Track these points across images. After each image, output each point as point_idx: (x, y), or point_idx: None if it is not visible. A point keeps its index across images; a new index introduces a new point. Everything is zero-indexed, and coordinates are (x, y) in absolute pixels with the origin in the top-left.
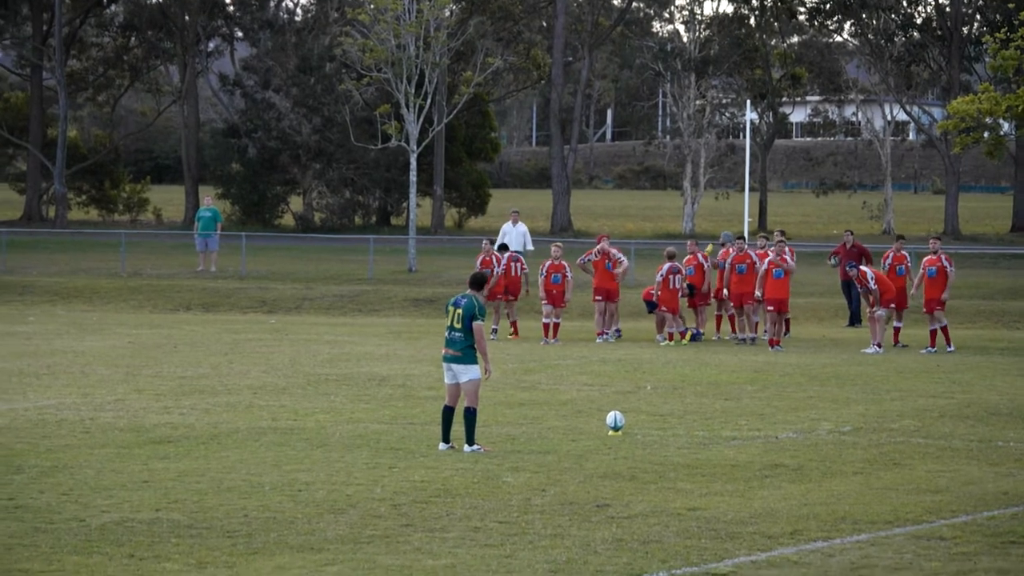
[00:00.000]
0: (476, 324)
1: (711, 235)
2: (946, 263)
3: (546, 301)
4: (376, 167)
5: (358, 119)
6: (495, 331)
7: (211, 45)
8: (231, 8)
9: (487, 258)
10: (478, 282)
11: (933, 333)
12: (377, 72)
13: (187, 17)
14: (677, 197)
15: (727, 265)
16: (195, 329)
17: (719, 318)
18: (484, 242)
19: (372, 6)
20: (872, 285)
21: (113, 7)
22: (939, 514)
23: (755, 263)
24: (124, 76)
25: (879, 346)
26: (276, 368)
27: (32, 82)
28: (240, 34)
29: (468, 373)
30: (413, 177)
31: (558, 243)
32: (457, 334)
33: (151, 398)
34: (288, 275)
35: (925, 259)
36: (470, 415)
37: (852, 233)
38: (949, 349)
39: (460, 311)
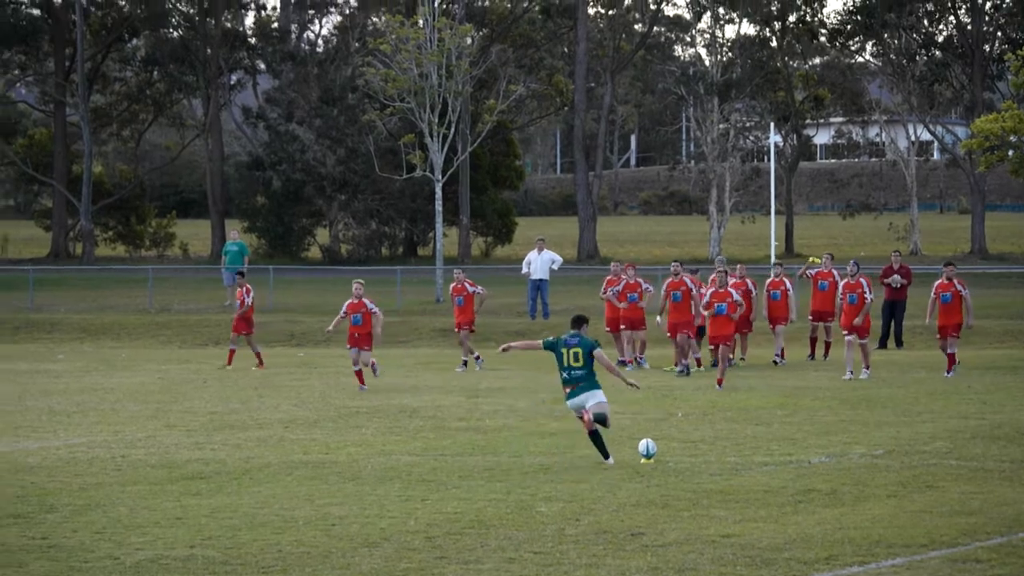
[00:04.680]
0: (597, 352)
1: (738, 260)
2: (960, 287)
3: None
4: (401, 197)
5: (382, 149)
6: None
7: (234, 78)
8: (253, 41)
9: (458, 286)
10: (580, 320)
11: (951, 357)
12: (400, 102)
13: (209, 50)
14: (703, 222)
15: (763, 290)
16: (225, 363)
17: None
18: (455, 271)
19: (394, 36)
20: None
21: (135, 41)
22: (974, 536)
23: (789, 290)
24: (148, 110)
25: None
26: (306, 401)
27: (56, 118)
28: (262, 67)
29: (596, 397)
30: (439, 207)
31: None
32: (578, 372)
33: (182, 434)
34: (316, 307)
35: (937, 284)
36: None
37: (899, 253)
38: (947, 374)
39: (578, 350)
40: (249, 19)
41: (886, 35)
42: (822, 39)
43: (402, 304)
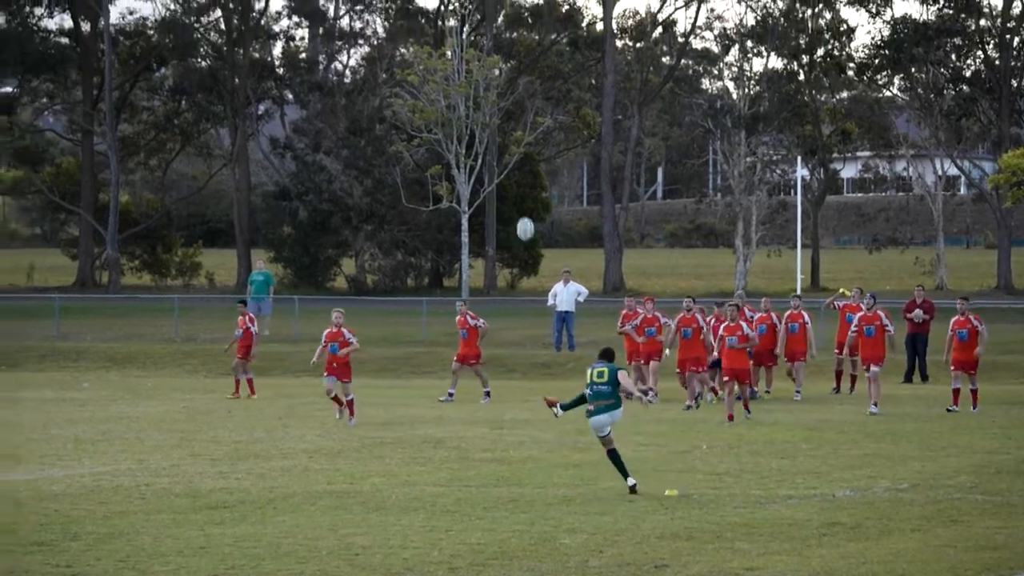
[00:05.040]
0: (621, 373)
1: (763, 293)
2: (977, 323)
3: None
4: (428, 228)
5: (409, 180)
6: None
7: (261, 108)
8: (281, 71)
9: (461, 318)
10: (610, 353)
11: (974, 393)
12: (427, 133)
13: (237, 80)
14: (729, 255)
15: (782, 324)
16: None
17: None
18: (458, 303)
19: (421, 67)
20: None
21: (163, 71)
22: (998, 571)
23: (807, 323)
24: (175, 140)
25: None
26: (330, 431)
27: (83, 147)
28: (290, 97)
29: (618, 415)
30: (465, 238)
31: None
32: (604, 387)
33: (207, 463)
34: None
35: (953, 320)
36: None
37: (922, 288)
38: (973, 410)
39: (603, 369)
40: (277, 49)
41: (913, 70)
42: (850, 73)
43: (428, 335)
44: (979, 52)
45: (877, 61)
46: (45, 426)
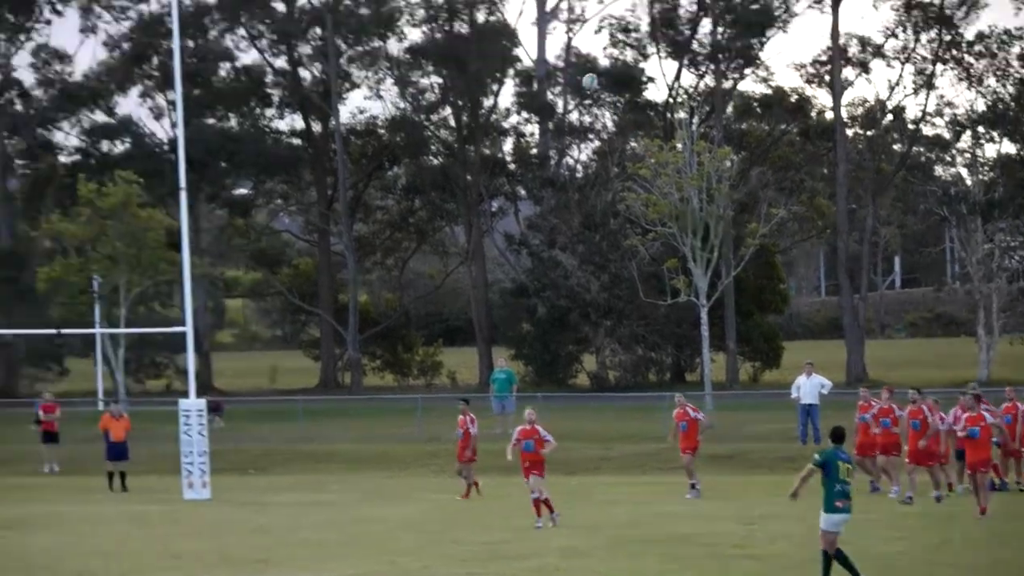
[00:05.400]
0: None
1: (1007, 382)
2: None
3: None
4: (667, 322)
5: (645, 274)
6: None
7: (494, 205)
8: (513, 167)
9: (680, 411)
10: (843, 435)
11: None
12: (662, 226)
13: (469, 177)
14: (971, 344)
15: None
16: (495, 492)
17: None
18: (676, 396)
19: (653, 160)
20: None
21: (395, 169)
22: None
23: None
24: (410, 238)
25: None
26: (579, 530)
27: (320, 248)
28: (523, 193)
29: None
30: (705, 332)
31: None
32: (849, 487)
33: (456, 564)
34: (585, 434)
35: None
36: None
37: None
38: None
39: (849, 465)
40: (508, 145)
41: None
42: None
43: (669, 430)
44: None
45: None
46: (293, 529)
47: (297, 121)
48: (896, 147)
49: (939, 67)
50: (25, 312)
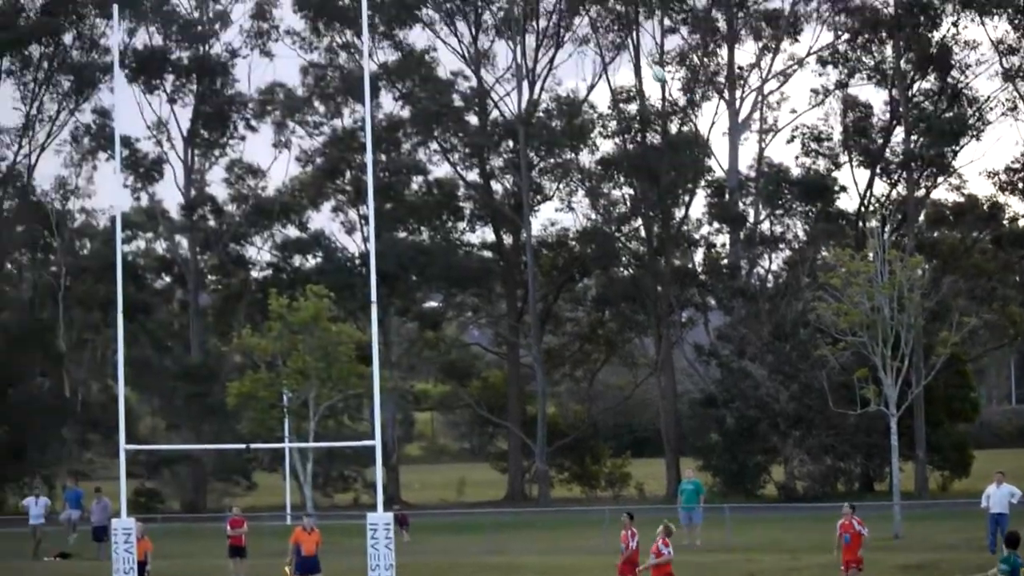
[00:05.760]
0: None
1: None
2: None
3: None
4: (856, 432)
5: (835, 384)
6: None
7: (684, 315)
8: (703, 277)
9: (846, 521)
10: (1015, 541)
11: None
12: (852, 336)
13: (660, 288)
14: None
15: None
16: None
17: None
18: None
19: (844, 270)
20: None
21: (586, 281)
22: None
23: None
24: (600, 350)
25: None
26: None
27: (509, 359)
28: (713, 303)
29: None
30: (894, 441)
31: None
32: None
33: None
34: (774, 545)
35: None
36: None
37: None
38: None
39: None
40: (699, 256)
41: None
42: None
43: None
44: None
45: None
46: None
47: (488, 233)
48: None
49: None
50: (215, 427)
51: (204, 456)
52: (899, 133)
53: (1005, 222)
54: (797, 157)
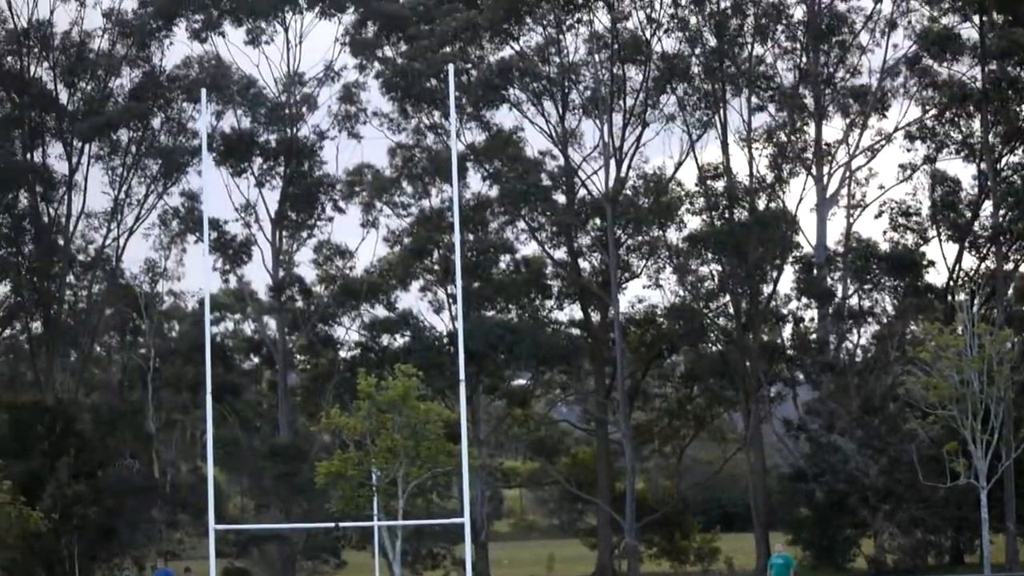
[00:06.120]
0: None
1: None
2: None
3: None
4: (946, 505)
5: (925, 457)
6: None
7: (773, 390)
8: (791, 353)
9: None
10: None
11: None
12: (942, 409)
13: (748, 364)
14: None
15: None
16: None
17: None
18: None
19: (933, 344)
20: None
21: (674, 357)
22: None
23: None
24: (688, 426)
25: None
26: None
27: (598, 436)
28: (801, 378)
29: None
30: (984, 514)
31: None
32: None
33: None
34: None
35: None
36: None
37: None
38: None
39: None
40: (787, 331)
41: None
42: None
43: None
44: None
45: None
46: None
47: (576, 311)
48: None
49: None
50: (304, 506)
51: (293, 535)
52: (987, 207)
53: None
54: (885, 232)
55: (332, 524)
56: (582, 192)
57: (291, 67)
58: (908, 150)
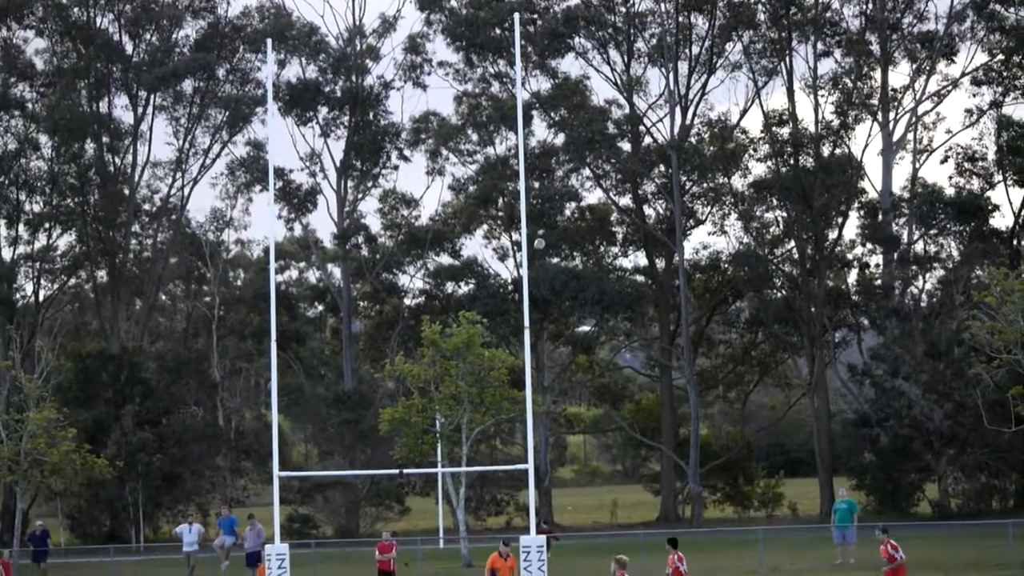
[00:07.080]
0: None
1: None
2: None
3: None
4: (1011, 450)
5: (989, 402)
6: None
7: (838, 336)
8: (857, 298)
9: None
10: None
11: None
12: (1007, 354)
13: (813, 309)
14: None
15: None
16: None
17: None
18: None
19: (998, 288)
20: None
21: (738, 303)
22: None
23: None
24: (753, 372)
25: None
26: None
27: (662, 382)
28: (866, 323)
29: None
30: None
31: None
32: None
33: None
34: (927, 564)
35: None
36: None
37: None
38: None
39: None
40: (852, 277)
41: None
42: None
43: (1015, 556)
44: None
45: None
46: None
47: (640, 258)
48: None
49: None
50: (368, 453)
51: (357, 482)
52: None
53: None
54: (951, 177)
55: (396, 471)
56: (647, 140)
57: (356, 16)
58: (974, 95)
